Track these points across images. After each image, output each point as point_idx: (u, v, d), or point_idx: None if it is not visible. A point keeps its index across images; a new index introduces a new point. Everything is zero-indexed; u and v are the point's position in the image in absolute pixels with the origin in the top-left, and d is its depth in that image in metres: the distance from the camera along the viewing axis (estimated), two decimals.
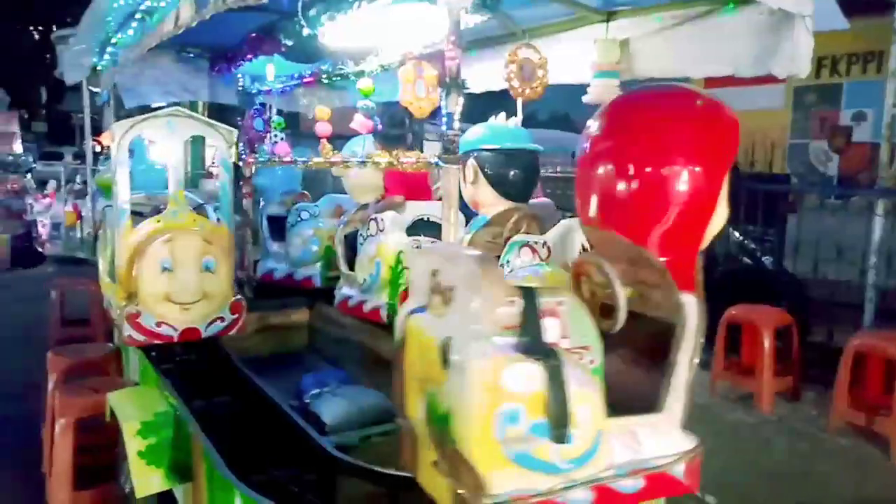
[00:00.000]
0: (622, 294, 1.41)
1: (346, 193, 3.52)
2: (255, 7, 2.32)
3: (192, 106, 6.18)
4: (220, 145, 2.82)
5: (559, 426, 1.21)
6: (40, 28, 32.15)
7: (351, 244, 3.08)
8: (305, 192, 4.17)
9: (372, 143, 3.10)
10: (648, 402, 1.45)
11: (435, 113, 2.54)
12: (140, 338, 2.58)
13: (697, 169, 1.39)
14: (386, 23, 2.52)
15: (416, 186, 3.19)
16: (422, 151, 2.83)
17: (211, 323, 2.68)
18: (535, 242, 2.12)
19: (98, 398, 2.91)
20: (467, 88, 2.23)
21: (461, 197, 2.97)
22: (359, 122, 3.13)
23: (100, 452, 2.98)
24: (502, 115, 2.56)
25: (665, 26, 2.40)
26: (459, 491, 1.25)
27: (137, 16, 2.77)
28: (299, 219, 3.55)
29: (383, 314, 2.82)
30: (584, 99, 2.58)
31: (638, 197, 1.41)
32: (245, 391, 2.41)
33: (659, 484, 1.40)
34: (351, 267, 3.02)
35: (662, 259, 1.43)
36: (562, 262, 1.98)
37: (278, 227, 3.74)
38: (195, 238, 2.63)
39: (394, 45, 2.69)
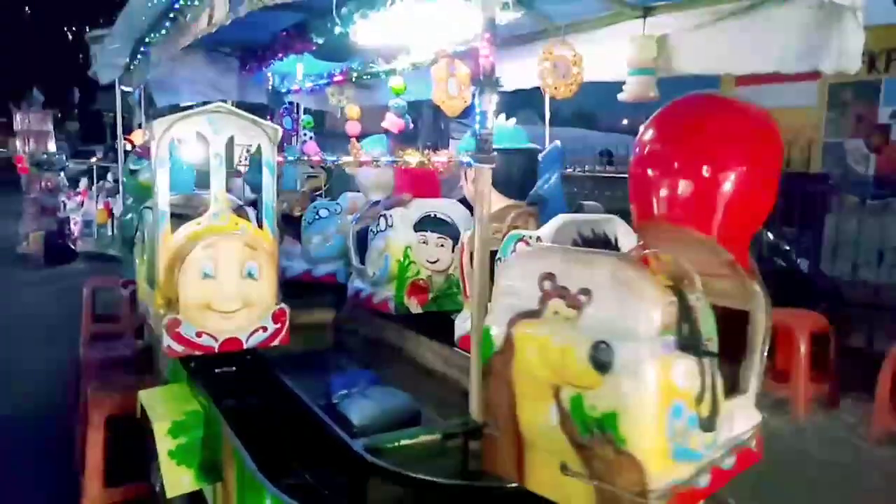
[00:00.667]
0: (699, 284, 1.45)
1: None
2: (287, 5, 2.32)
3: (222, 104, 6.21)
4: (265, 144, 2.62)
5: (711, 416, 1.34)
6: (73, 28, 32.85)
7: (362, 240, 3.29)
8: (306, 191, 4.28)
9: (386, 144, 3.21)
10: (731, 383, 1.53)
11: (466, 111, 2.51)
12: (179, 348, 2.43)
13: (759, 172, 1.57)
14: (418, 20, 2.49)
15: (424, 184, 3.34)
16: (447, 149, 2.88)
17: (253, 333, 2.53)
18: (530, 237, 2.24)
19: (129, 396, 2.93)
20: (501, 86, 2.20)
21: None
22: (390, 120, 3.12)
23: (132, 449, 3.01)
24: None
25: (704, 22, 2.33)
26: (618, 491, 1.29)
27: (171, 15, 2.78)
28: (317, 216, 3.69)
29: (391, 306, 3.06)
30: (620, 97, 2.52)
31: (710, 197, 1.53)
32: (275, 391, 2.40)
33: (743, 457, 1.54)
34: (362, 261, 3.24)
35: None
36: None
37: (286, 225, 3.84)
38: (237, 243, 2.49)
39: (426, 42, 2.66)
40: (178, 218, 2.64)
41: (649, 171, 1.63)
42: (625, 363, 1.27)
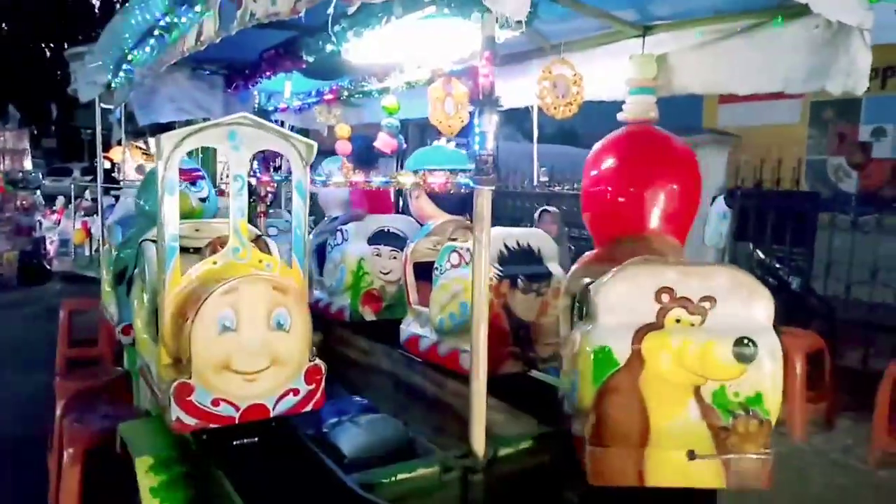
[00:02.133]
0: None
1: None
2: (276, 23, 2.24)
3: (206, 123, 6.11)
4: (295, 162, 2.21)
5: None
6: (51, 45, 32.51)
7: (321, 253, 3.59)
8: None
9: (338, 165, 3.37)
10: None
11: (462, 131, 2.45)
12: (191, 421, 1.97)
13: (693, 186, 2.33)
14: (413, 39, 2.43)
15: (378, 201, 3.73)
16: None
17: (282, 397, 2.08)
18: (462, 248, 2.50)
19: (108, 427, 2.80)
20: (501, 106, 2.13)
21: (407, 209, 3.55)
22: (383, 140, 3.05)
23: (110, 485, 2.86)
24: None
25: (706, 41, 2.29)
26: (746, 455, 1.67)
27: (156, 32, 2.69)
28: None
29: (346, 315, 3.32)
30: (619, 116, 2.47)
31: (667, 209, 2.23)
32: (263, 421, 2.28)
33: None
34: (321, 273, 3.56)
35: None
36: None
37: None
38: (264, 287, 2.03)
39: (421, 61, 2.59)
40: (184, 252, 2.24)
41: (608, 194, 2.31)
42: (766, 352, 1.68)
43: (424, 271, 2.81)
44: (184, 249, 2.21)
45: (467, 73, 2.32)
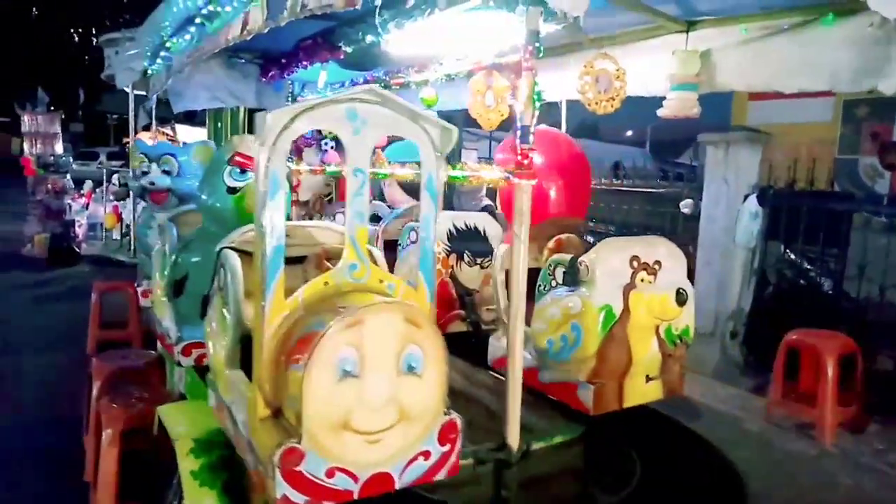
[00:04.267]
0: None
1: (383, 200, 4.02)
2: (318, 14, 2.25)
3: (233, 113, 6.17)
4: (425, 150, 1.78)
5: None
6: (80, 30, 32.90)
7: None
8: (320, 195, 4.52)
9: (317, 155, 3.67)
10: None
11: (502, 124, 2.44)
12: (301, 499, 1.55)
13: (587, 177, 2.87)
14: (454, 31, 2.43)
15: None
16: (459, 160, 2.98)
17: (411, 462, 1.66)
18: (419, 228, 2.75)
19: (144, 409, 2.85)
20: (544, 100, 2.13)
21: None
22: None
23: (144, 464, 2.92)
24: None
25: (752, 37, 2.27)
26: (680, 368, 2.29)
27: (197, 20, 2.72)
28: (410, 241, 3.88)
29: None
30: (660, 113, 2.45)
31: (571, 195, 2.72)
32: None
33: None
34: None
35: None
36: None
37: None
38: (395, 318, 1.59)
39: (461, 53, 2.59)
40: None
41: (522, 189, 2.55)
42: (690, 298, 2.19)
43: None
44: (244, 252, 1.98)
45: (507, 66, 2.32)
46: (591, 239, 7.79)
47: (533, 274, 2.21)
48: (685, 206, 5.67)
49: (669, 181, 6.54)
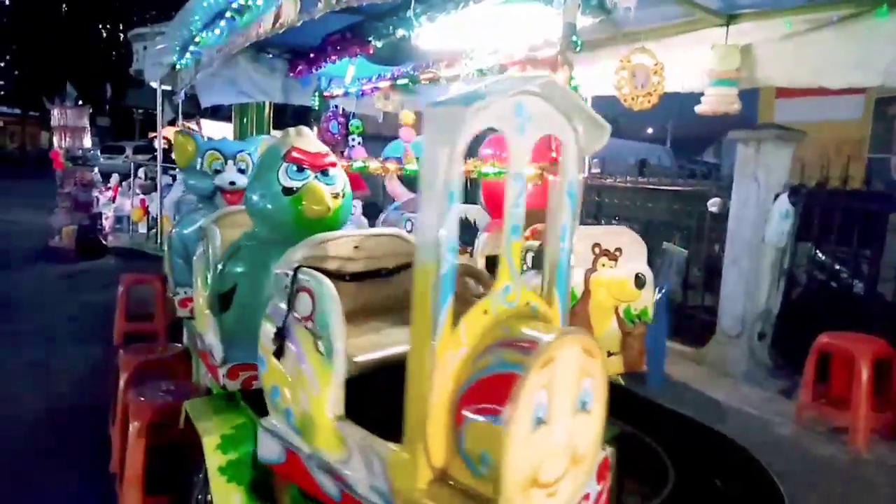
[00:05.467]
0: None
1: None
2: (352, 6, 2.22)
3: (259, 108, 6.18)
4: (569, 152, 1.59)
5: None
6: (108, 26, 33.34)
7: None
8: None
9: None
10: None
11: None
12: None
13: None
14: (487, 24, 2.38)
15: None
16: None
17: None
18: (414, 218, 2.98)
19: (172, 402, 2.85)
20: (581, 95, 2.08)
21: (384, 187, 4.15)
22: None
23: (170, 457, 2.93)
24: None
25: (796, 31, 2.19)
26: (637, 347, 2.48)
27: (227, 14, 2.70)
28: None
29: None
30: (698, 109, 2.39)
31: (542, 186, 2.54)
32: None
33: None
34: None
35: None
36: None
37: None
38: (577, 350, 1.42)
39: (493, 47, 2.54)
40: (337, 279, 1.78)
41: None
42: (648, 283, 2.40)
43: None
44: (336, 276, 1.84)
45: (541, 61, 2.27)
46: None
47: None
48: (713, 204, 5.56)
49: (697, 179, 6.43)
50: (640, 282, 2.39)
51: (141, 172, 11.55)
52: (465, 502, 1.33)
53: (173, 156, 4.00)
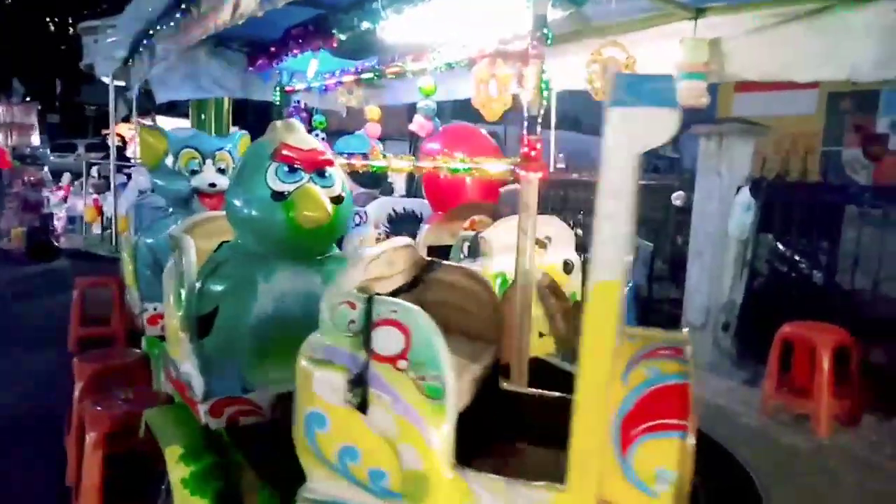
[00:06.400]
0: None
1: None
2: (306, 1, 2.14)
3: (218, 102, 6.02)
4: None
5: None
6: (56, 19, 32.18)
7: None
8: None
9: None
10: None
11: (504, 115, 2.36)
12: None
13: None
14: (455, 17, 2.33)
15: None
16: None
17: None
18: (362, 211, 3.36)
19: (130, 411, 2.74)
20: (551, 89, 2.04)
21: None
22: (419, 123, 2.95)
23: (130, 468, 2.81)
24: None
25: (765, 25, 2.20)
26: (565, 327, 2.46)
27: (182, 6, 2.59)
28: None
29: None
30: None
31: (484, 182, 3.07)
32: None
33: None
34: None
35: None
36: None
37: None
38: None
39: (461, 40, 2.49)
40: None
41: (443, 175, 2.79)
42: (577, 267, 2.55)
43: None
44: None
45: (511, 54, 2.23)
46: (580, 232, 7.70)
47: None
48: (677, 198, 5.64)
49: (661, 174, 6.51)
50: (568, 267, 2.55)
51: (94, 171, 11.16)
52: None
53: (129, 153, 3.83)
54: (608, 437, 1.29)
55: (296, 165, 1.95)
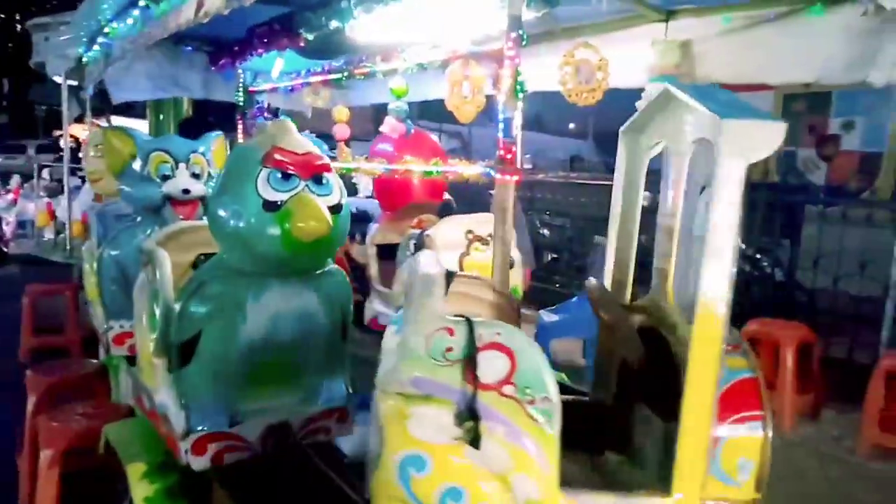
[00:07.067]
0: None
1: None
2: None
3: (177, 102, 5.85)
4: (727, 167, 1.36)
5: None
6: (2, 15, 31.00)
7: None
8: None
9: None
10: None
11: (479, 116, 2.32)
12: None
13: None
14: (426, 17, 2.29)
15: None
16: None
17: None
18: None
19: (88, 426, 2.62)
20: (527, 91, 2.02)
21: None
22: (390, 124, 2.90)
23: (89, 486, 2.68)
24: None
25: (735, 27, 2.21)
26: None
27: (141, 2, 2.48)
28: None
29: None
30: (639, 105, 2.38)
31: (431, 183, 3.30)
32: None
33: None
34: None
35: None
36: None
37: None
38: None
39: (432, 41, 2.45)
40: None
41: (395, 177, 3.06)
42: (518, 263, 2.64)
43: None
44: None
45: (485, 55, 2.20)
46: (546, 232, 7.73)
47: None
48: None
49: None
50: (511, 263, 2.67)
51: (45, 173, 10.75)
52: None
53: (81, 155, 3.66)
54: None
55: (290, 171, 1.75)
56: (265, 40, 2.88)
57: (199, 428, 1.82)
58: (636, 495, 1.39)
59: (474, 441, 1.30)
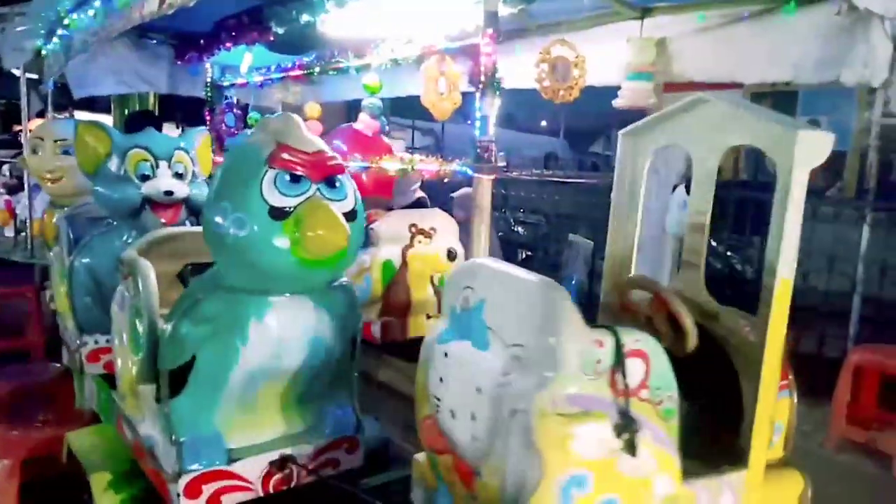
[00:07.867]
0: None
1: None
2: None
3: (142, 98, 5.70)
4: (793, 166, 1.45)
5: None
6: None
7: None
8: None
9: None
10: None
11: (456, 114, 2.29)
12: None
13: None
14: (401, 11, 2.24)
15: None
16: None
17: None
18: None
19: (50, 434, 2.54)
20: (503, 88, 1.98)
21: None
22: (364, 121, 2.85)
23: (47, 497, 2.59)
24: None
25: (710, 25, 2.21)
26: None
27: None
28: None
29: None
30: (615, 103, 2.37)
31: (380, 179, 3.21)
32: None
33: None
34: None
35: None
36: None
37: None
38: None
39: (407, 36, 2.40)
40: None
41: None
42: (460, 256, 2.73)
43: None
44: None
45: (461, 51, 2.16)
46: (520, 230, 7.71)
47: None
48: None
49: (602, 171, 6.61)
50: (451, 255, 2.79)
51: (5, 170, 10.41)
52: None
53: (34, 151, 3.47)
54: None
55: (300, 173, 1.52)
56: (233, 34, 2.80)
57: (193, 467, 1.62)
58: (728, 470, 1.52)
59: (632, 449, 1.28)
